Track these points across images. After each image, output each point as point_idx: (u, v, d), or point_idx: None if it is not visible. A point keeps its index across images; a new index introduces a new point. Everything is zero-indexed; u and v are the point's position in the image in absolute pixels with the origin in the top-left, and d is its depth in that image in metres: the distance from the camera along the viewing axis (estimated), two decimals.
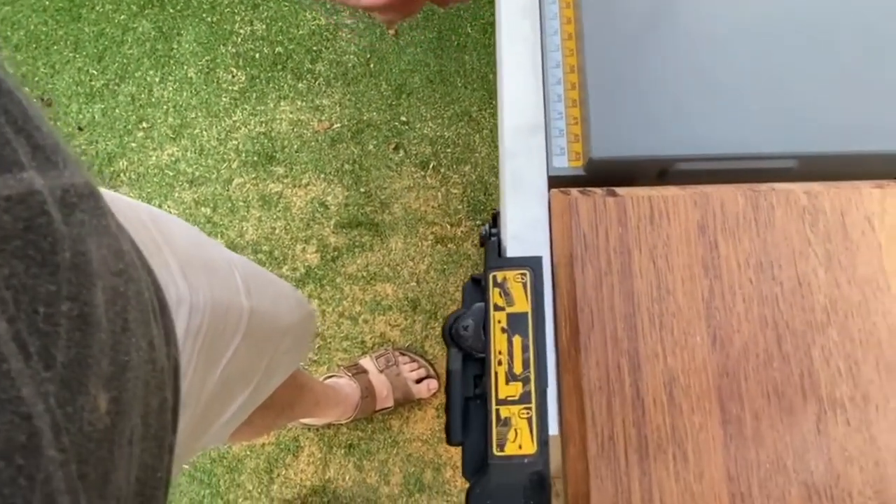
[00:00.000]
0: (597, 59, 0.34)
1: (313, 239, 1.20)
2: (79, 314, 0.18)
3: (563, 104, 0.35)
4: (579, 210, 0.32)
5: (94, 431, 0.17)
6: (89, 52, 1.28)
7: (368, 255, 1.18)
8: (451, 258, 1.16)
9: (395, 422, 1.10)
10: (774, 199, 0.32)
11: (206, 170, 1.24)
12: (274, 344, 0.56)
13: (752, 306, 0.30)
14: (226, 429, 0.53)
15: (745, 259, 0.31)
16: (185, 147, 1.26)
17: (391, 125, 1.23)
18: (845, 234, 0.31)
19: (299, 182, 1.23)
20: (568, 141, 0.35)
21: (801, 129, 0.32)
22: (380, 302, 1.16)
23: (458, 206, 1.18)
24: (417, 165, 1.21)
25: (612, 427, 0.29)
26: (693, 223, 0.31)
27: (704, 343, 0.30)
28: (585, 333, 0.30)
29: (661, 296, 0.30)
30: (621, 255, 0.31)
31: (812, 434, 0.28)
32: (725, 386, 0.29)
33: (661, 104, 0.33)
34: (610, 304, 0.31)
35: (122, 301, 0.21)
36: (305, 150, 1.24)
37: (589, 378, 0.30)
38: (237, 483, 1.10)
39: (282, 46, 1.30)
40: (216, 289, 0.43)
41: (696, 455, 0.28)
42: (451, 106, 1.23)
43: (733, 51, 0.34)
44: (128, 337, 0.21)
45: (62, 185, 0.19)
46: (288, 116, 1.26)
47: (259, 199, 1.22)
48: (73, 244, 0.18)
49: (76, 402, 0.17)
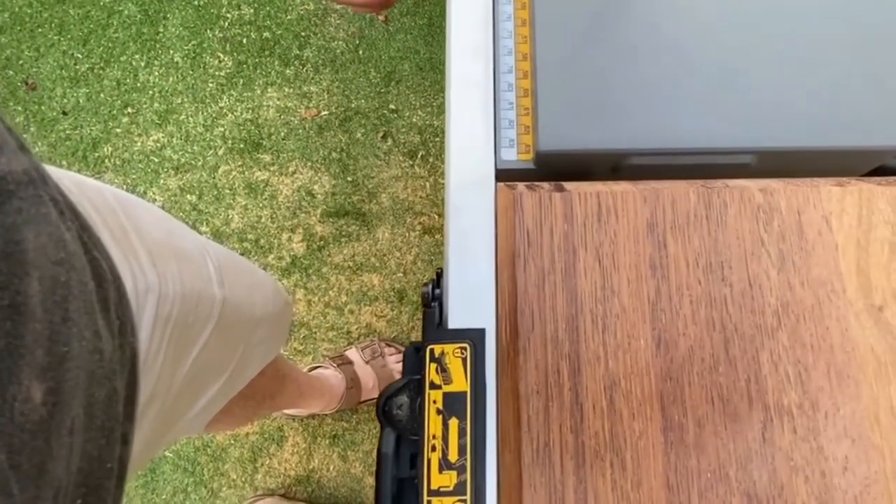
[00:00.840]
0: (547, 47, 0.32)
1: (299, 228, 1.19)
2: (10, 304, 0.17)
3: (513, 93, 0.34)
4: (524, 205, 0.30)
5: (27, 422, 0.17)
6: (74, 35, 1.27)
7: (355, 244, 1.17)
8: (439, 249, 1.14)
9: None
10: (728, 197, 0.30)
11: (191, 156, 1.23)
12: (247, 334, 0.55)
13: (699, 308, 0.29)
14: (200, 419, 0.52)
15: (695, 259, 0.29)
16: (170, 133, 1.24)
17: (379, 113, 1.21)
18: (801, 233, 0.30)
19: (286, 170, 1.21)
20: (518, 133, 0.33)
21: (759, 123, 0.31)
22: (366, 292, 1.15)
23: None
24: (406, 154, 1.19)
25: (548, 433, 0.28)
26: (642, 220, 0.30)
27: (648, 346, 0.28)
28: (525, 335, 0.29)
29: (605, 296, 0.29)
30: (566, 253, 0.30)
31: (757, 442, 0.27)
32: (668, 391, 0.28)
33: (614, 96, 0.32)
34: (552, 304, 0.29)
35: (62, 291, 0.21)
36: (292, 138, 1.23)
37: (527, 382, 0.28)
38: (221, 472, 1.10)
39: (269, 31, 1.28)
40: (187, 277, 0.42)
41: (634, 463, 0.27)
42: (441, 94, 1.20)
43: (689, 43, 0.32)
44: (68, 327, 0.21)
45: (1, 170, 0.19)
46: (275, 103, 1.25)
47: (245, 187, 1.21)
48: (5, 232, 0.18)
49: (6, 392, 0.16)
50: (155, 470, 1.10)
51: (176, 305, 0.39)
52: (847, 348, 0.28)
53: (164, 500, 1.09)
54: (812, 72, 0.31)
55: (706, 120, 0.31)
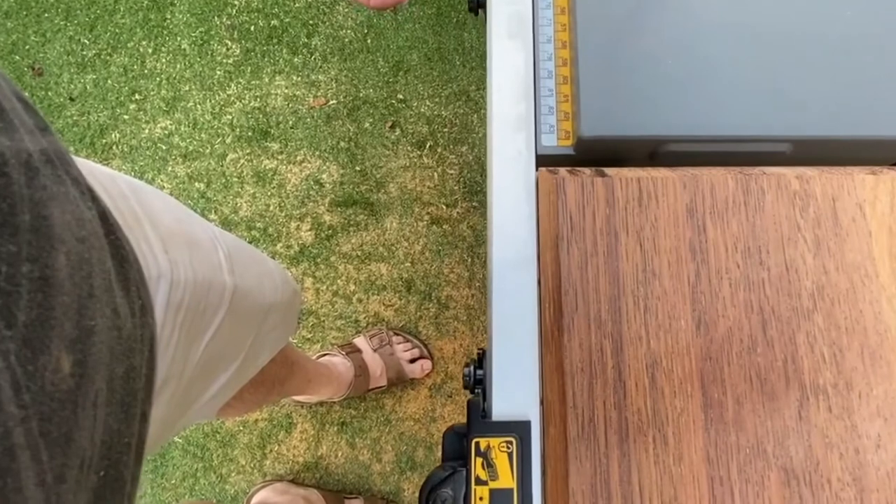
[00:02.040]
0: (589, 35, 0.33)
1: (308, 217, 1.19)
2: (40, 276, 0.18)
3: (553, 81, 0.34)
4: (566, 190, 0.31)
5: (56, 391, 0.18)
6: (81, 21, 1.26)
7: (363, 234, 1.17)
8: (447, 239, 1.15)
9: (387, 401, 1.11)
10: (765, 183, 0.31)
11: (199, 144, 1.23)
12: (258, 321, 0.55)
13: (738, 291, 0.30)
14: (212, 404, 0.53)
15: (734, 243, 0.30)
16: (178, 120, 1.24)
17: (388, 103, 1.22)
18: (836, 220, 0.31)
19: (294, 159, 1.21)
20: (558, 119, 0.34)
21: (796, 112, 0.32)
22: (374, 282, 1.16)
23: (454, 187, 1.17)
24: (414, 145, 1.19)
25: (592, 409, 0.29)
26: (682, 205, 0.31)
27: (689, 327, 0.29)
28: (569, 315, 0.30)
29: (646, 279, 0.30)
30: (608, 236, 0.31)
31: (793, 420, 0.28)
32: (708, 370, 0.29)
33: (654, 83, 0.32)
34: (595, 285, 0.30)
35: (87, 267, 0.21)
36: (300, 127, 1.23)
37: (571, 360, 0.29)
38: (230, 458, 1.11)
39: (277, 19, 1.27)
40: (198, 264, 0.42)
41: (676, 438, 0.28)
42: (449, 84, 1.21)
43: (728, 32, 0.33)
44: (93, 303, 0.21)
45: (27, 150, 0.19)
46: (283, 91, 1.24)
47: (253, 176, 1.21)
48: (33, 207, 0.18)
49: (38, 362, 0.17)
50: (165, 455, 1.11)
51: (187, 292, 0.40)
52: (880, 330, 0.29)
53: (173, 484, 1.10)
54: (847, 62, 0.31)
55: (743, 108, 0.32)
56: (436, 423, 1.10)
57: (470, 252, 1.14)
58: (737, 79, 0.32)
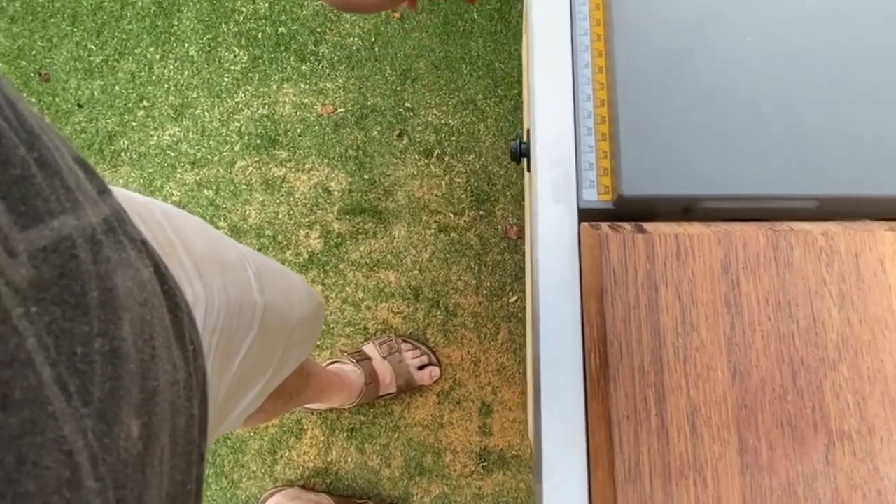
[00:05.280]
0: (628, 98, 0.35)
1: (317, 224, 1.20)
2: (110, 349, 0.18)
3: (593, 137, 0.36)
4: (609, 246, 0.33)
5: (128, 457, 0.18)
6: (87, 27, 1.25)
7: (371, 242, 1.19)
8: (454, 247, 1.17)
9: (396, 407, 1.13)
10: (794, 240, 0.33)
11: (208, 151, 1.23)
12: (286, 336, 0.57)
13: (770, 342, 0.32)
14: (240, 418, 0.55)
15: (765, 297, 0.33)
16: (186, 127, 1.24)
17: (395, 111, 1.23)
18: (858, 274, 0.33)
19: (302, 166, 1.22)
20: (598, 175, 0.36)
21: (824, 171, 0.34)
22: (382, 289, 1.18)
23: (462, 196, 1.18)
24: (421, 153, 1.21)
25: (638, 454, 0.31)
26: (717, 261, 0.33)
27: (725, 377, 0.32)
28: (614, 365, 0.32)
29: (685, 331, 0.32)
30: (649, 290, 0.33)
31: (821, 463, 0.31)
32: (743, 417, 0.31)
33: (690, 143, 0.34)
34: (638, 337, 0.32)
35: (148, 329, 0.22)
36: (309, 135, 1.23)
37: (617, 408, 0.31)
38: (241, 463, 1.13)
39: (285, 27, 1.28)
40: (230, 287, 0.44)
41: (714, 481, 0.31)
42: (457, 93, 1.22)
43: (759, 93, 0.35)
44: (156, 363, 0.22)
45: (91, 224, 0.20)
46: (291, 99, 1.25)
47: (262, 183, 1.22)
48: (100, 282, 0.19)
49: (112, 433, 0.18)
50: None
51: (221, 315, 0.41)
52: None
53: None
54: (874, 124, 0.34)
55: (775, 167, 0.34)
56: (444, 429, 1.12)
57: (477, 260, 1.16)
58: (768, 138, 0.34)
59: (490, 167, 1.18)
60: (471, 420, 1.12)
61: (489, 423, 1.11)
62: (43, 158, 0.19)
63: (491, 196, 1.17)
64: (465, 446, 1.11)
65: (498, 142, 1.19)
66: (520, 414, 1.10)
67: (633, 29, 0.36)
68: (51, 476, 0.14)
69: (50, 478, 0.14)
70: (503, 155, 1.18)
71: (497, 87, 1.21)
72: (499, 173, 1.18)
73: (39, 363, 0.15)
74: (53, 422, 0.15)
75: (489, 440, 1.11)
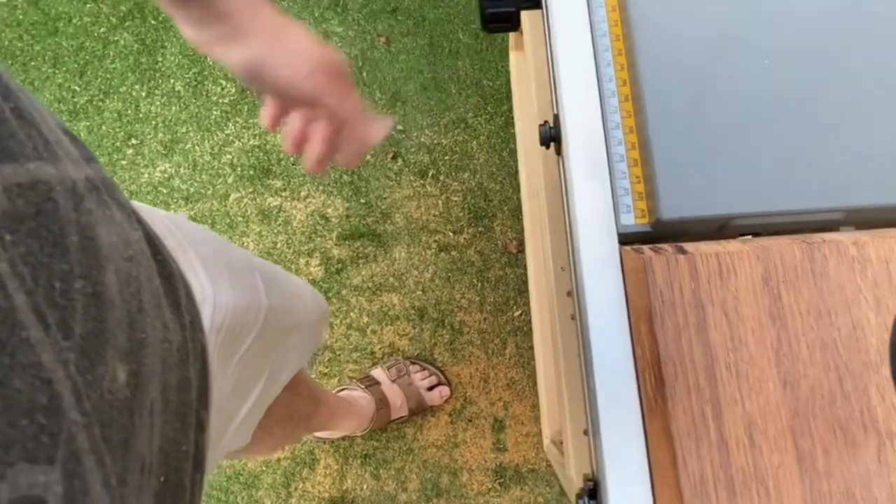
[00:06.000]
0: (658, 125, 0.36)
1: (316, 252, 1.20)
2: (93, 292, 0.19)
3: (625, 164, 0.38)
4: (654, 268, 0.34)
5: (114, 400, 0.18)
6: (70, 68, 1.24)
7: (373, 265, 1.19)
8: (456, 265, 1.18)
9: (409, 430, 1.13)
10: (827, 251, 0.35)
11: (201, 185, 1.23)
12: (283, 339, 0.57)
13: (815, 351, 0.34)
14: (244, 428, 0.54)
15: (806, 308, 0.34)
16: (177, 163, 1.23)
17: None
18: (890, 280, 0.35)
19: (298, 195, 1.22)
20: (633, 199, 0.37)
21: (849, 184, 0.36)
22: (387, 312, 1.18)
23: (460, 214, 1.19)
24: (416, 174, 1.22)
25: (701, 469, 0.32)
26: (757, 276, 0.34)
27: (777, 388, 0.33)
28: (670, 385, 0.33)
29: (735, 346, 0.34)
30: (696, 309, 0.34)
31: (874, 464, 0.32)
32: (798, 426, 0.33)
33: (721, 165, 0.36)
34: (690, 356, 0.33)
35: (135, 284, 0.22)
36: (302, 163, 1.24)
37: (677, 425, 0.32)
38: (255, 499, 1.11)
39: None
40: (237, 288, 0.44)
41: (776, 490, 0.32)
42: (447, 113, 1.24)
43: (782, 111, 0.37)
44: (143, 316, 0.22)
45: (71, 177, 0.21)
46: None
47: (258, 214, 1.22)
48: (81, 229, 0.19)
49: (95, 372, 0.18)
50: None
51: (228, 315, 0.42)
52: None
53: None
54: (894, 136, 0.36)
55: (805, 182, 0.36)
56: (458, 449, 1.12)
57: (479, 277, 1.17)
58: (795, 154, 0.36)
59: (486, 184, 1.20)
60: (484, 437, 1.12)
61: (503, 438, 1.11)
62: (19, 110, 0.19)
63: (489, 212, 1.19)
64: (480, 464, 1.11)
65: (492, 158, 1.21)
66: (533, 427, 1.11)
67: (656, 58, 0.38)
68: (21, 399, 0.14)
69: (20, 401, 0.14)
70: (498, 171, 1.20)
71: (487, 105, 1.23)
72: (495, 189, 1.19)
73: (12, 288, 0.15)
74: (27, 347, 0.15)
75: (504, 456, 1.11)
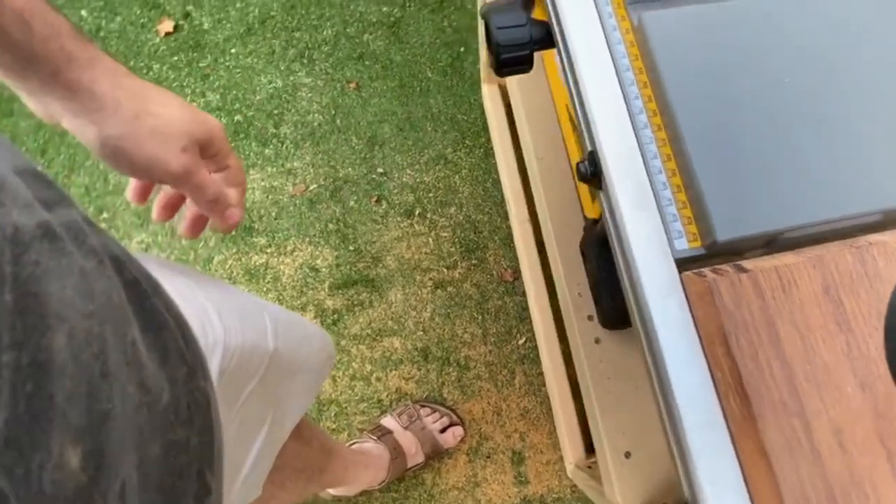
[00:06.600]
0: (698, 150, 0.37)
1: (310, 305, 1.17)
2: (30, 362, 0.16)
3: (669, 191, 0.39)
4: (721, 290, 0.35)
5: (62, 492, 0.16)
6: (30, 147, 1.19)
7: (369, 311, 1.17)
8: (454, 301, 1.17)
9: (427, 476, 1.10)
10: (875, 253, 0.36)
11: (181, 252, 1.19)
12: (287, 384, 0.56)
13: (882, 351, 0.35)
14: (253, 479, 0.52)
15: (867, 310, 0.35)
16: (154, 232, 1.20)
17: (369, 178, 1.23)
18: None
19: (284, 249, 1.20)
20: (683, 224, 0.38)
21: (884, 186, 0.38)
22: (389, 357, 1.15)
23: (451, 249, 1.20)
24: (403, 214, 1.21)
25: (801, 483, 0.32)
26: (818, 285, 0.36)
27: (855, 392, 0.34)
28: (757, 403, 0.33)
29: (809, 357, 0.34)
30: (766, 325, 0.35)
31: None
32: (882, 427, 0.33)
33: (764, 182, 0.37)
34: (769, 372, 0.34)
35: (97, 343, 0.20)
36: (285, 216, 1.22)
37: (770, 442, 0.33)
38: None
39: (240, 114, 1.27)
40: (247, 330, 0.43)
41: (874, 493, 0.32)
42: (426, 151, 1.25)
43: (815, 123, 0.38)
44: (108, 382, 0.19)
45: (13, 224, 0.18)
46: (260, 184, 1.23)
47: (245, 274, 1.19)
48: (19, 286, 0.17)
49: (30, 462, 0.15)
50: None
51: (234, 358, 0.41)
52: None
53: None
54: None
55: (845, 188, 0.37)
56: (480, 488, 1.10)
57: (479, 309, 1.17)
58: (832, 164, 0.38)
59: (473, 216, 1.20)
60: (505, 472, 1.10)
61: (524, 470, 1.10)
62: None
63: (480, 244, 1.19)
64: (504, 500, 1.09)
65: (476, 190, 1.22)
66: (552, 455, 1.10)
67: (683, 86, 0.39)
68: None
69: None
70: (483, 202, 1.21)
71: (464, 139, 1.25)
72: (483, 220, 1.20)
73: None
74: None
75: (527, 488, 1.10)
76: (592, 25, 0.42)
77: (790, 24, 0.40)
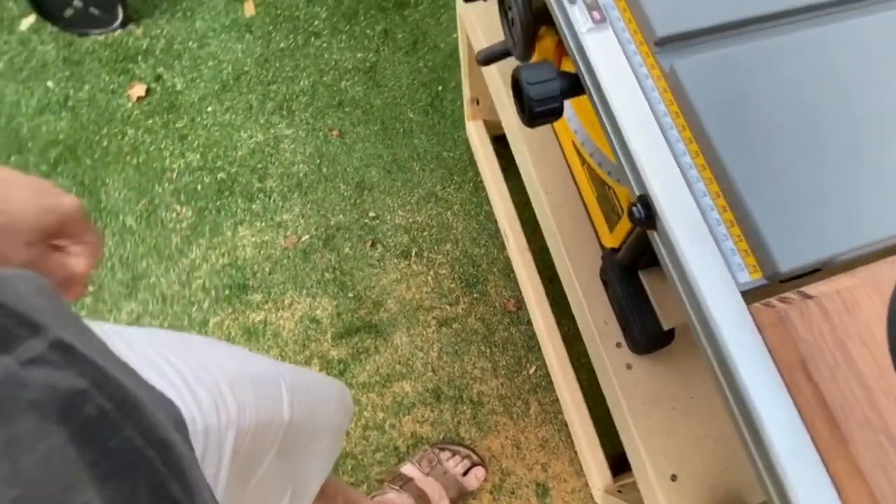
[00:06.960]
0: (748, 186, 0.39)
1: (314, 358, 1.15)
2: None
3: (723, 227, 0.40)
4: (792, 319, 0.37)
5: None
6: None
7: (376, 358, 1.16)
8: (460, 337, 1.17)
9: None
10: None
11: (175, 318, 1.15)
12: (305, 450, 0.55)
13: None
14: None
15: None
16: (144, 301, 1.15)
17: (361, 223, 1.23)
18: None
19: (282, 304, 1.17)
20: (741, 258, 0.40)
21: None
22: (401, 402, 1.14)
23: (452, 285, 1.20)
24: (399, 256, 1.21)
25: None
26: (878, 303, 0.38)
27: None
28: (845, 425, 0.35)
29: (883, 372, 0.36)
30: (839, 347, 0.36)
31: None
32: None
33: (814, 208, 0.39)
34: (850, 393, 0.35)
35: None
36: (279, 270, 1.20)
37: (864, 462, 0.34)
38: None
39: (223, 171, 1.25)
40: (261, 404, 0.43)
41: None
42: (415, 190, 1.25)
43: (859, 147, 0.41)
44: None
45: None
46: (250, 241, 1.21)
47: (244, 333, 1.15)
48: None
49: None
50: None
51: (248, 437, 0.41)
52: None
53: None
54: None
55: (886, 207, 0.40)
56: None
57: (486, 342, 1.17)
58: (877, 184, 0.40)
59: (470, 250, 1.21)
60: (530, 502, 1.09)
61: (549, 502, 1.09)
62: None
63: (480, 277, 1.20)
64: None
65: (470, 224, 1.23)
66: (577, 482, 1.10)
67: (722, 124, 0.41)
68: None
69: None
70: (479, 235, 1.22)
71: (452, 175, 1.26)
72: (480, 253, 1.21)
73: None
74: None
75: None
76: (626, 76, 0.44)
77: (820, 54, 0.43)
